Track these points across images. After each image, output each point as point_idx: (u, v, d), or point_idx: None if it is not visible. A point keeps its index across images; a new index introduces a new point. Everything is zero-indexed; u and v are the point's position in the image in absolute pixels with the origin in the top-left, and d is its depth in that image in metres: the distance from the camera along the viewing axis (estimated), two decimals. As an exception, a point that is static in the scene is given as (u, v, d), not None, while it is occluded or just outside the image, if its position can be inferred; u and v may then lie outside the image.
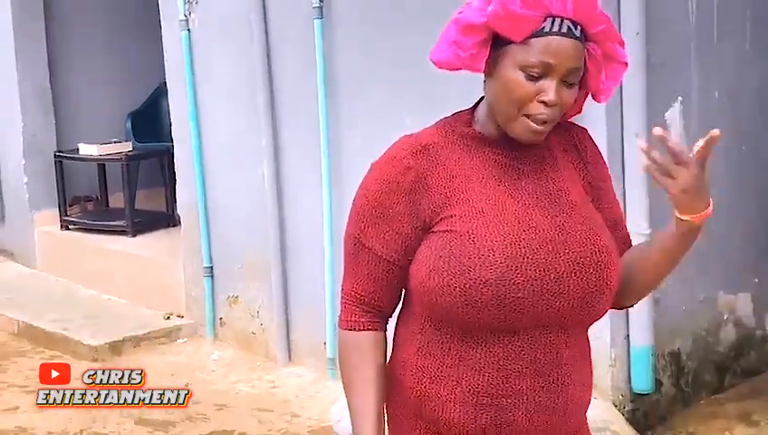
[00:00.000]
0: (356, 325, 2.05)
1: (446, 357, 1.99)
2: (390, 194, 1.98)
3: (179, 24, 6.18)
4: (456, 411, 1.98)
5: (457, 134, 2.03)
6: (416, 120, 5.03)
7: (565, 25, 1.87)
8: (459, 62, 1.95)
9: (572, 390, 2.02)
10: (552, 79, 1.88)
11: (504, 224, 1.94)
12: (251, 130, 5.95)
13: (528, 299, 1.90)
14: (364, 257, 2.03)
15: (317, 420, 5.34)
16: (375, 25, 5.36)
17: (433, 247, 1.96)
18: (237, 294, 6.29)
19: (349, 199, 5.40)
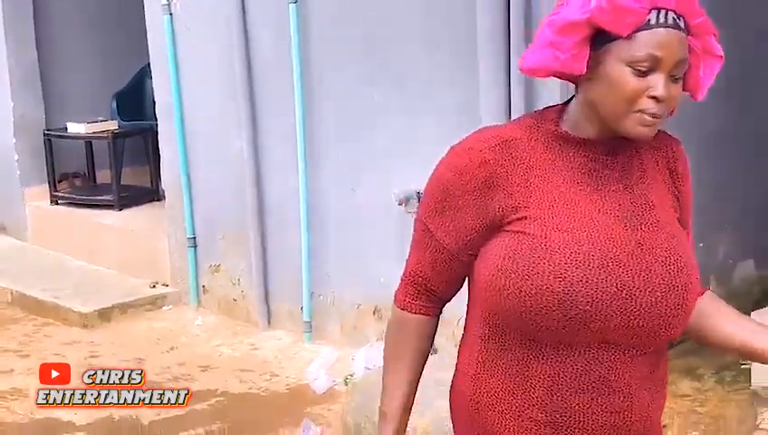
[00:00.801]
0: (408, 306, 1.94)
1: (506, 368, 1.83)
2: (461, 185, 1.81)
3: (162, 8, 6.16)
4: (510, 425, 1.84)
5: (542, 132, 1.83)
6: (382, 96, 5.11)
7: (671, 17, 1.70)
8: (558, 63, 1.75)
9: (637, 414, 1.83)
10: (661, 73, 1.70)
11: (579, 232, 1.76)
12: (230, 108, 5.94)
13: (595, 314, 1.73)
14: (428, 242, 1.88)
15: (294, 379, 5.41)
16: (346, 10, 5.36)
17: (503, 247, 1.78)
18: (219, 263, 6.32)
19: (322, 174, 5.42)
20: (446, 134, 4.76)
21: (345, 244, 5.67)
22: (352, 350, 5.44)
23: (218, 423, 4.98)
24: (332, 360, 5.49)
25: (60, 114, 7.78)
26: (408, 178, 5.06)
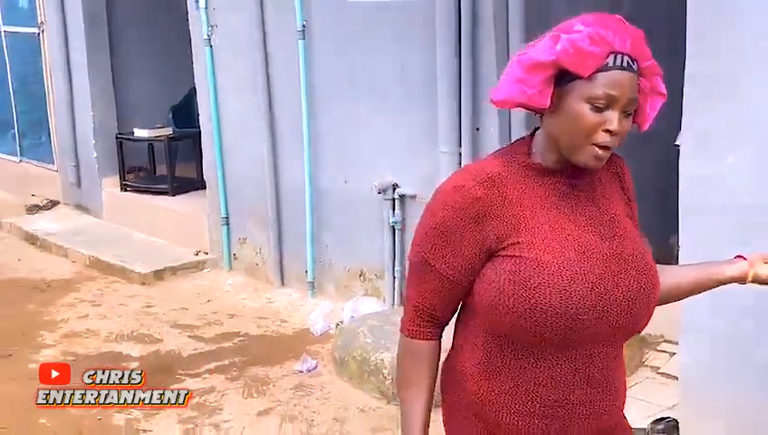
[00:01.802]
0: (417, 334, 1.79)
1: (506, 368, 1.73)
2: (457, 221, 1.69)
3: (203, 41, 6.24)
4: (513, 418, 1.74)
5: (518, 165, 1.73)
6: (367, 110, 5.42)
7: (626, 60, 1.65)
8: (525, 98, 1.67)
9: (618, 393, 1.81)
10: (615, 110, 1.64)
11: (567, 250, 1.68)
12: (254, 119, 6.03)
13: (589, 320, 1.66)
14: (430, 275, 1.75)
15: (299, 325, 5.59)
16: (341, 44, 5.49)
17: (501, 270, 1.68)
18: (245, 237, 6.41)
19: (322, 169, 5.76)
20: (414, 141, 5.22)
21: (339, 223, 5.75)
22: (343, 303, 5.56)
23: (240, 357, 5.11)
24: (328, 311, 5.60)
25: (128, 122, 7.84)
26: (385, 173, 5.35)
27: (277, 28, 5.83)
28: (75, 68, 7.83)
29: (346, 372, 4.72)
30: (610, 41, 1.63)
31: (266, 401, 4.57)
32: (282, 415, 4.39)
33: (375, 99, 5.40)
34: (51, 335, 5.55)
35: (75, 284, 6.55)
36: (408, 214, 5.35)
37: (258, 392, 4.68)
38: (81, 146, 8.00)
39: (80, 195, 8.20)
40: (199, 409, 4.49)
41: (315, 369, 4.90)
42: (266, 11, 5.86)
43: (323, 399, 4.57)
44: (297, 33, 5.62)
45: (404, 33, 5.16)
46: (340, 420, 4.33)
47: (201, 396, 4.63)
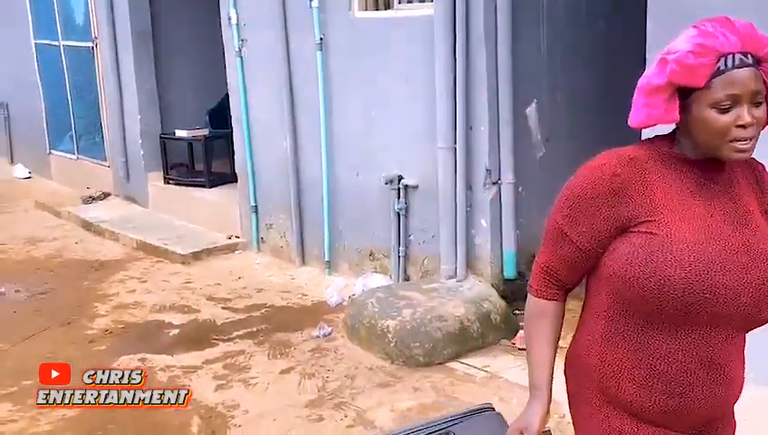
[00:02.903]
0: (545, 295, 1.75)
1: (628, 343, 1.64)
2: (597, 196, 1.62)
3: (235, 53, 6.32)
4: (634, 388, 1.65)
5: (659, 153, 1.65)
6: (376, 112, 5.50)
7: (737, 59, 1.54)
8: (655, 119, 1.60)
9: (736, 384, 1.68)
10: (742, 105, 1.55)
11: (697, 233, 1.59)
12: (278, 121, 6.08)
13: (711, 300, 1.56)
14: (563, 243, 1.69)
15: (317, 297, 5.65)
16: (353, 55, 5.57)
17: (632, 244, 1.60)
18: (272, 223, 6.47)
19: (338, 164, 5.85)
20: (416, 139, 5.32)
21: (351, 210, 5.80)
22: (355, 279, 5.63)
23: (266, 324, 5.18)
24: (342, 285, 5.66)
25: (171, 124, 7.89)
26: (392, 166, 5.42)
27: (298, 42, 5.90)
28: (125, 77, 7.91)
29: (356, 337, 4.81)
30: (716, 47, 1.54)
31: (288, 361, 4.66)
32: (301, 373, 4.49)
33: (383, 103, 5.47)
34: (103, 307, 5.65)
35: (125, 263, 6.63)
36: (411, 202, 5.45)
37: (281, 354, 4.76)
38: (129, 145, 8.10)
39: (128, 187, 8.27)
40: (230, 368, 4.59)
41: (330, 334, 4.98)
42: (289, 27, 5.92)
43: (337, 359, 4.65)
44: (315, 45, 5.70)
45: (407, 46, 5.23)
46: (351, 376, 4.41)
47: (232, 357, 4.73)
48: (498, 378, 4.29)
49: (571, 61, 5.21)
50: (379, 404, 4.07)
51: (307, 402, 4.13)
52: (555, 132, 5.23)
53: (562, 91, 5.21)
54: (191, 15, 7.82)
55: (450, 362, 4.51)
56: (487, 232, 5.04)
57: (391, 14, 5.44)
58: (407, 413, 3.98)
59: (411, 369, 4.45)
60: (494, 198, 5.03)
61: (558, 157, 5.23)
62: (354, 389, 4.26)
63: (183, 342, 5.00)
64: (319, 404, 4.11)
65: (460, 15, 4.76)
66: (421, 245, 5.44)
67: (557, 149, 5.23)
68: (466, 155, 5.00)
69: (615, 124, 5.19)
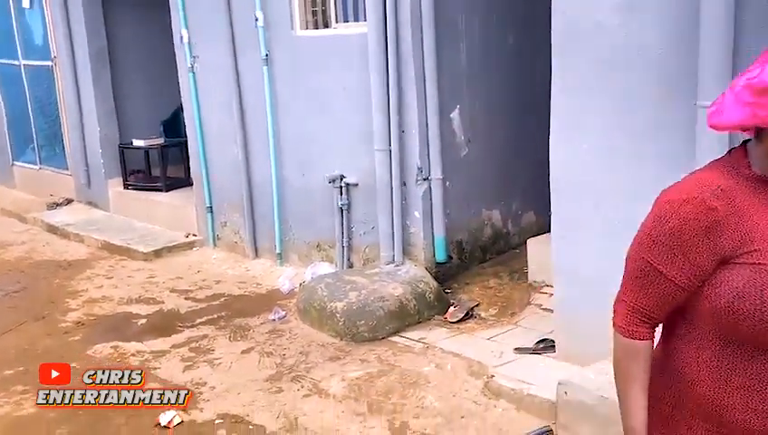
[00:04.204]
0: (637, 335, 1.53)
1: (739, 370, 1.46)
2: (693, 231, 1.42)
3: (188, 69, 6.32)
4: (747, 416, 1.46)
5: (742, 176, 1.46)
6: (317, 117, 5.58)
7: None
8: (758, 120, 1.39)
9: None
10: None
11: None
12: (230, 128, 6.10)
13: None
14: (655, 280, 1.48)
15: (271, 286, 5.70)
16: (297, 69, 5.62)
17: (740, 277, 1.41)
18: (226, 221, 6.48)
19: (285, 166, 5.92)
20: (355, 142, 5.44)
21: (299, 207, 5.84)
22: (304, 268, 5.69)
23: (225, 311, 5.22)
24: (293, 274, 5.71)
25: (128, 134, 7.79)
26: (334, 167, 5.50)
27: (246, 58, 5.93)
28: (84, 92, 7.81)
29: (308, 319, 4.92)
30: None
31: (248, 342, 4.72)
32: (260, 352, 4.56)
33: (324, 111, 5.55)
34: (74, 302, 5.62)
35: (91, 262, 6.59)
36: (352, 198, 5.57)
37: (241, 337, 4.82)
38: (90, 154, 7.99)
39: (90, 193, 8.17)
40: (196, 351, 4.64)
41: (285, 317, 5.05)
42: (237, 44, 5.96)
43: (292, 339, 4.74)
44: (262, 61, 5.75)
45: (344, 60, 5.32)
46: (305, 353, 4.51)
47: (197, 341, 4.78)
48: (434, 348, 4.45)
49: (487, 71, 5.39)
50: (331, 375, 4.19)
51: (267, 377, 4.22)
52: (476, 134, 5.42)
53: (481, 98, 5.37)
54: (146, 34, 7.73)
55: (392, 336, 4.66)
56: (420, 222, 5.19)
57: (330, 32, 5.54)
58: (356, 381, 4.11)
59: (358, 344, 4.58)
60: (425, 192, 5.18)
61: (478, 155, 5.46)
62: (308, 363, 4.36)
63: (151, 330, 5.00)
64: (278, 378, 4.20)
65: (391, 33, 4.89)
66: (362, 235, 5.57)
67: (477, 148, 5.44)
68: (400, 155, 5.14)
69: (523, 126, 5.49)
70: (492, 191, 5.59)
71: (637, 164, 3.60)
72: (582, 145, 3.78)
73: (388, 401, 3.88)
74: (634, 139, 3.59)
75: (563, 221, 3.95)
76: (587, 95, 3.71)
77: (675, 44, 3.37)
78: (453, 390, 3.94)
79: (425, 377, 4.10)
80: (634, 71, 3.54)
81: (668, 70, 3.42)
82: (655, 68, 3.46)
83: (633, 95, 3.55)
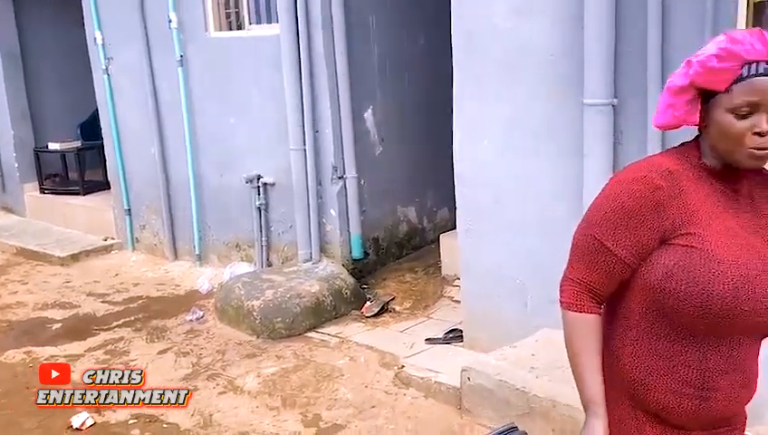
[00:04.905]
0: (584, 308, 1.54)
1: (659, 351, 1.51)
2: (639, 208, 1.47)
3: (102, 71, 6.29)
4: (666, 397, 1.51)
5: (691, 164, 1.51)
6: (233, 117, 5.63)
7: (761, 67, 1.42)
8: (677, 120, 1.50)
9: (752, 384, 1.58)
10: (761, 113, 1.42)
11: (734, 246, 1.46)
12: (146, 130, 6.09)
13: (749, 311, 1.44)
14: (602, 256, 1.51)
15: (190, 287, 5.72)
16: (212, 70, 5.65)
17: (672, 257, 1.46)
18: (145, 223, 6.48)
19: (203, 166, 5.94)
20: (271, 142, 5.50)
21: (217, 208, 5.87)
22: (224, 268, 5.70)
23: (143, 313, 5.21)
24: (212, 275, 5.74)
25: (44, 138, 7.68)
26: (251, 167, 5.55)
27: (161, 59, 5.93)
28: (-5, 95, 7.62)
29: (226, 318, 4.96)
30: (741, 53, 1.42)
31: (165, 343, 4.74)
32: (176, 352, 4.58)
33: (240, 112, 5.60)
34: (-13, 308, 5.50)
35: (6, 268, 6.47)
36: (269, 197, 5.63)
37: (158, 338, 4.83)
38: (4, 158, 7.84)
39: (5, 198, 8.00)
40: (111, 353, 4.62)
41: (203, 317, 5.08)
42: (151, 46, 5.95)
43: (209, 338, 4.78)
44: (177, 62, 5.77)
45: (258, 61, 5.38)
46: (222, 351, 4.56)
47: (113, 344, 4.76)
48: (349, 342, 4.56)
49: (399, 71, 5.52)
50: (247, 372, 4.26)
51: (183, 376, 4.26)
52: (389, 133, 5.55)
53: (393, 98, 5.50)
54: (62, 34, 7.60)
55: (308, 332, 4.75)
56: (336, 220, 5.30)
57: (243, 33, 5.59)
58: (271, 377, 4.19)
59: (275, 341, 4.65)
60: (341, 191, 5.29)
61: (392, 153, 5.59)
62: (225, 361, 4.42)
63: (65, 334, 4.96)
64: (194, 377, 4.25)
65: (303, 34, 4.97)
66: (280, 234, 5.64)
67: (391, 147, 5.58)
68: (315, 155, 5.23)
69: (436, 125, 5.64)
70: (407, 189, 5.72)
71: (533, 160, 3.79)
72: (483, 143, 3.96)
73: (302, 395, 3.97)
74: (530, 136, 3.79)
75: (467, 216, 4.12)
76: (486, 96, 3.89)
77: (565, 46, 3.58)
78: (365, 381, 4.06)
79: (339, 370, 4.21)
80: (528, 72, 3.73)
81: (560, 71, 3.63)
82: (547, 69, 3.67)
83: (529, 95, 3.75)
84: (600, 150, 3.48)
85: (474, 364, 3.65)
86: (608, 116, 3.44)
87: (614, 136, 3.48)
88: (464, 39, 3.92)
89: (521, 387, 3.39)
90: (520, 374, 3.47)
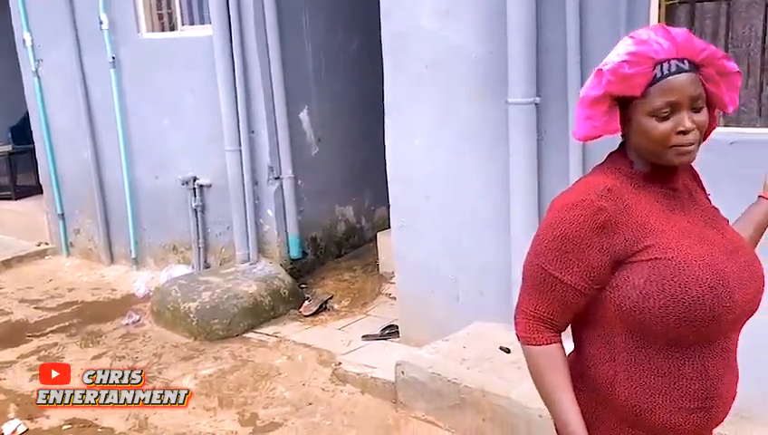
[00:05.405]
0: (543, 340, 1.48)
1: (656, 370, 1.44)
2: (584, 233, 1.40)
3: (32, 73, 6.18)
4: (672, 416, 1.45)
5: (625, 175, 1.47)
6: (167, 119, 5.61)
7: (674, 65, 1.39)
8: (597, 131, 1.45)
9: (738, 379, 1.54)
10: (681, 111, 1.39)
11: (697, 247, 1.42)
12: (79, 133, 6.03)
13: (730, 306, 1.40)
14: (554, 287, 1.45)
15: (126, 291, 5.70)
16: (145, 71, 5.60)
17: (640, 275, 1.40)
18: (79, 228, 6.40)
19: (138, 168, 5.88)
20: (206, 143, 5.49)
21: (153, 210, 5.83)
22: (160, 272, 5.69)
23: (78, 319, 5.16)
24: (149, 278, 5.71)
25: None
26: (187, 168, 5.53)
27: (92, 60, 5.86)
28: None
29: (162, 321, 4.94)
30: (650, 54, 1.39)
31: (100, 348, 4.70)
32: (112, 356, 4.55)
33: (174, 113, 5.57)
34: None
35: (-67, 277, 6.28)
36: (206, 199, 5.62)
37: (93, 343, 4.78)
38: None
39: (-69, 205, 7.70)
40: (45, 359, 4.55)
41: (139, 321, 5.05)
42: (82, 47, 5.87)
43: (146, 341, 4.75)
44: (108, 63, 5.71)
45: (192, 62, 5.36)
46: (159, 354, 4.55)
47: (46, 350, 4.70)
48: (287, 341, 4.60)
49: (334, 72, 5.57)
50: (183, 374, 4.26)
51: (119, 380, 4.23)
52: (325, 133, 5.60)
53: (329, 99, 5.54)
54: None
55: (246, 332, 4.77)
56: (273, 220, 5.32)
57: (176, 34, 5.56)
58: (208, 378, 4.20)
59: (213, 342, 4.65)
60: (278, 191, 5.31)
61: (329, 153, 5.64)
62: (161, 364, 4.41)
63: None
64: (129, 380, 4.22)
65: (236, 35, 4.97)
66: (218, 236, 5.64)
67: (328, 147, 5.63)
68: (251, 155, 5.24)
69: (373, 124, 5.67)
70: (344, 188, 5.77)
71: (461, 159, 3.89)
72: (414, 142, 4.04)
73: (239, 395, 3.99)
74: (458, 135, 3.88)
75: (400, 213, 4.20)
76: (415, 96, 3.97)
77: (489, 47, 3.68)
78: (303, 379, 4.10)
79: (276, 369, 4.24)
80: (455, 72, 3.82)
81: (484, 71, 3.73)
82: (472, 69, 3.76)
83: (455, 95, 3.84)
84: (524, 148, 3.59)
85: (408, 358, 3.72)
86: (531, 114, 3.55)
87: (538, 134, 3.60)
88: (392, 40, 3.99)
89: (452, 379, 3.47)
90: (452, 366, 3.56)
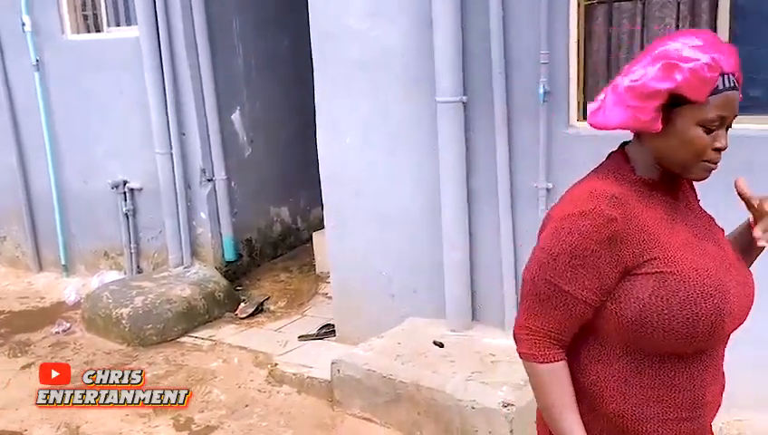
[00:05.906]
0: (550, 358, 1.42)
1: (646, 381, 1.41)
2: (594, 244, 1.35)
3: None
4: (662, 427, 1.42)
5: (629, 182, 1.42)
6: (95, 122, 5.48)
7: (732, 80, 1.35)
8: (639, 124, 1.37)
9: (724, 384, 1.53)
10: (723, 128, 1.36)
11: (700, 260, 1.39)
12: (3, 137, 5.83)
13: (729, 322, 1.39)
14: (562, 301, 1.40)
15: (56, 298, 5.59)
16: (71, 73, 5.49)
17: (644, 288, 1.36)
18: (6, 235, 6.24)
19: (66, 174, 5.73)
20: (136, 146, 5.41)
21: (83, 215, 5.72)
22: (91, 278, 5.58)
23: (4, 329, 5.04)
24: (79, 285, 5.60)
25: None
26: (116, 172, 5.46)
27: (15, 64, 5.72)
28: None
29: (94, 328, 4.86)
30: (721, 64, 1.34)
31: (29, 357, 4.59)
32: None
33: (102, 116, 5.48)
34: None
35: None
36: (137, 203, 5.54)
37: (21, 352, 4.68)
38: None
39: None
40: (-30, 371, 4.43)
41: (69, 329, 4.95)
42: (4, 50, 5.73)
43: (77, 349, 4.67)
44: (32, 66, 5.58)
45: (119, 64, 5.28)
46: (90, 362, 4.46)
47: (-29, 363, 4.57)
48: (222, 344, 4.58)
49: (264, 73, 5.55)
50: (116, 381, 4.19)
51: (49, 389, 4.14)
52: (258, 134, 5.59)
53: (261, 99, 5.53)
54: None
55: (181, 337, 4.73)
56: (207, 223, 5.28)
57: (102, 36, 5.47)
58: (141, 384, 4.14)
59: (146, 348, 4.60)
60: (211, 193, 5.27)
61: (262, 154, 5.63)
62: (93, 372, 4.33)
63: None
64: (60, 390, 4.13)
65: (163, 36, 4.93)
66: (150, 240, 5.56)
67: (261, 148, 5.62)
68: (182, 158, 5.19)
69: (306, 124, 5.67)
70: (279, 189, 5.76)
71: (392, 157, 3.95)
72: (345, 141, 4.08)
73: (174, 400, 3.95)
74: (388, 134, 3.94)
75: (333, 212, 4.23)
76: (345, 96, 4.00)
77: (417, 47, 3.74)
78: (238, 382, 4.09)
79: (212, 373, 4.22)
80: (383, 72, 3.88)
81: (412, 70, 3.79)
82: (402, 69, 3.82)
83: (384, 95, 3.90)
84: (452, 146, 3.66)
85: (343, 356, 3.75)
86: (458, 112, 3.63)
87: (465, 132, 3.67)
88: (321, 40, 4.02)
89: (387, 375, 3.51)
90: (386, 363, 3.61)
